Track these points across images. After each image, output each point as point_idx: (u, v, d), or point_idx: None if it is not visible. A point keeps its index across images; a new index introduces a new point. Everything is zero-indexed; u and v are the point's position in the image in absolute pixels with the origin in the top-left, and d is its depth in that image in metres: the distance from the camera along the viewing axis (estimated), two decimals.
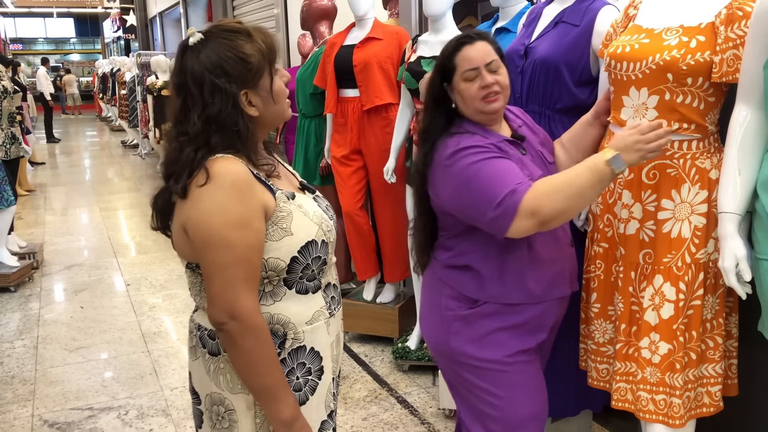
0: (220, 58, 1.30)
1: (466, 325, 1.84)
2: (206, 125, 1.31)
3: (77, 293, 4.75)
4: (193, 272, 1.41)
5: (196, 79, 1.31)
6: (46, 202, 8.10)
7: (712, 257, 1.83)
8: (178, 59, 1.35)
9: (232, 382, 1.40)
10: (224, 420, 1.42)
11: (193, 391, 1.49)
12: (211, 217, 1.27)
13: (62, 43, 31.21)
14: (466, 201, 1.71)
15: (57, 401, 3.18)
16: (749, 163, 1.67)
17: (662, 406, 1.84)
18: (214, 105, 1.30)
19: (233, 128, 1.32)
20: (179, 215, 1.34)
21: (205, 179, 1.28)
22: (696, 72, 1.73)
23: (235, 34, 1.33)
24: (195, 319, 1.48)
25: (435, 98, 1.83)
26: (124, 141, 13.74)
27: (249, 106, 1.35)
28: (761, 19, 1.58)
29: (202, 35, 1.34)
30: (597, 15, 2.16)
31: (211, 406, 1.44)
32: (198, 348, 1.45)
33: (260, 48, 1.34)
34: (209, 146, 1.31)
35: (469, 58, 1.76)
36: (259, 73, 1.34)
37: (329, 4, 4.18)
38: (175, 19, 12.72)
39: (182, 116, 1.33)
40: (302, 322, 1.42)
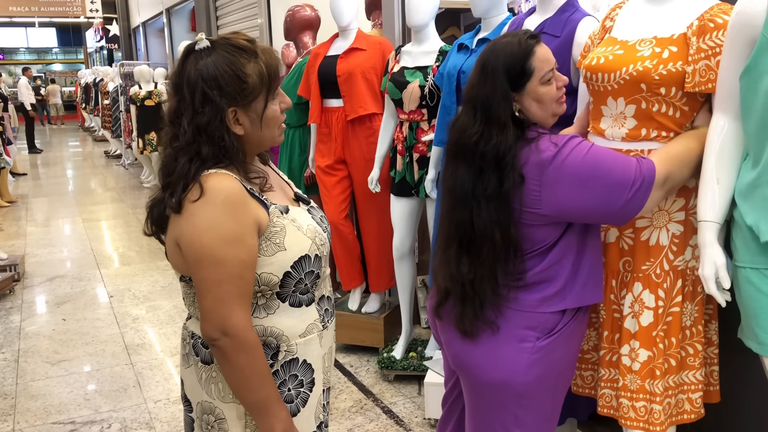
0: (217, 70, 1.30)
1: (546, 355, 1.69)
2: (196, 134, 1.31)
3: (59, 305, 4.71)
4: (187, 284, 1.42)
5: (190, 85, 1.31)
6: (27, 213, 8.03)
7: (690, 264, 1.85)
8: (180, 61, 1.36)
9: (223, 391, 1.40)
10: (214, 429, 1.43)
11: (185, 399, 1.49)
12: (204, 234, 1.28)
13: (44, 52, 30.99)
14: (594, 192, 1.56)
15: (38, 415, 3.14)
16: (727, 172, 1.69)
17: (643, 412, 1.86)
18: (203, 115, 1.30)
19: (220, 142, 1.32)
20: (173, 229, 1.34)
21: (199, 195, 1.28)
22: (668, 82, 1.76)
23: (239, 51, 1.33)
24: (188, 327, 1.48)
25: (507, 112, 1.62)
26: (107, 151, 13.65)
27: (236, 124, 1.34)
28: (737, 30, 1.61)
29: (209, 43, 1.34)
30: (577, 26, 2.19)
31: (202, 414, 1.44)
32: (191, 356, 1.45)
33: (261, 71, 1.33)
34: (201, 157, 1.31)
35: (547, 58, 1.66)
36: (253, 94, 1.33)
37: (313, 14, 4.19)
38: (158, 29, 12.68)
39: (175, 118, 1.34)
40: (295, 335, 1.42)
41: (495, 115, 1.61)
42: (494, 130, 1.60)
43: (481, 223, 1.62)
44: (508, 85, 1.62)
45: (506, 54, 1.63)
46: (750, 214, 1.61)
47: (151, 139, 8.79)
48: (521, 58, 1.62)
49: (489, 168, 1.60)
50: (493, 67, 1.63)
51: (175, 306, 4.59)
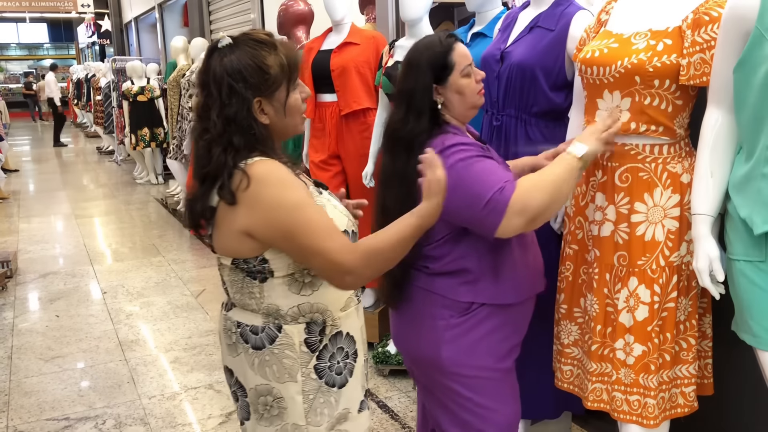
0: (241, 64, 1.39)
1: (460, 334, 1.82)
2: (226, 125, 1.39)
3: (52, 302, 4.69)
4: (237, 268, 1.46)
5: (216, 80, 1.40)
6: (20, 209, 7.98)
7: (685, 260, 1.86)
8: (205, 59, 1.44)
9: (278, 372, 1.47)
10: (273, 408, 1.50)
11: (239, 386, 1.54)
12: (277, 213, 1.36)
13: (35, 48, 30.78)
14: (456, 201, 1.65)
15: (32, 412, 3.13)
16: (721, 165, 1.70)
17: (636, 406, 1.86)
18: (231, 106, 1.39)
19: (250, 131, 1.40)
20: (232, 220, 1.40)
21: (247, 183, 1.36)
22: (663, 74, 1.76)
23: (260, 45, 1.42)
24: (232, 316, 1.52)
25: (423, 100, 1.78)
26: (100, 147, 13.58)
27: (261, 113, 1.42)
28: (731, 23, 1.61)
29: (231, 40, 1.42)
30: (571, 20, 2.19)
31: (258, 397, 1.50)
32: (238, 345, 1.50)
33: (281, 62, 1.42)
34: (234, 146, 1.39)
35: (465, 54, 1.81)
36: (275, 84, 1.42)
37: (306, 8, 4.18)
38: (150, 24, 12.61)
39: (203, 112, 1.42)
40: (337, 308, 1.52)
41: (415, 104, 1.77)
42: (411, 117, 1.77)
43: (392, 203, 1.77)
44: (431, 79, 1.77)
45: (429, 51, 1.80)
46: (743, 207, 1.62)
47: (143, 135, 8.76)
48: (443, 54, 1.78)
49: (402, 151, 1.77)
50: (418, 62, 1.79)
51: (169, 302, 4.58)
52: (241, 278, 1.47)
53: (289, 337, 1.46)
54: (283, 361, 1.46)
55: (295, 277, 1.45)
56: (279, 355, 1.46)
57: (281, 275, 1.44)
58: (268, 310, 1.47)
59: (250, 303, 1.48)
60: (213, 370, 3.50)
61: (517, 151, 2.30)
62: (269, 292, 1.46)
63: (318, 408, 1.50)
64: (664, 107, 1.81)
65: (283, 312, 1.46)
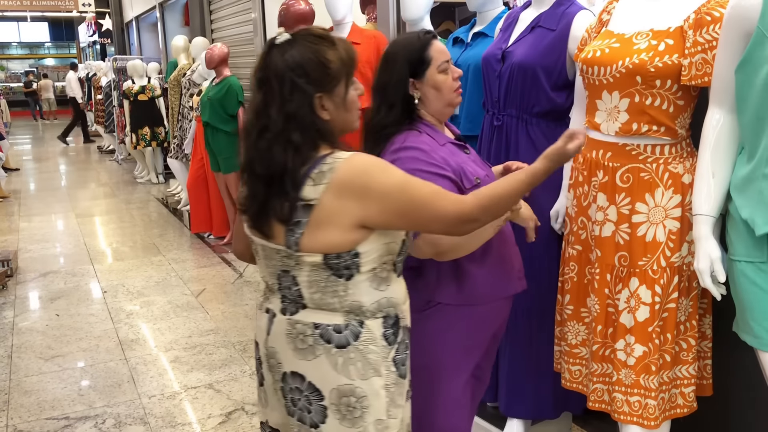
0: (302, 59, 1.39)
1: (421, 327, 1.79)
2: (286, 122, 1.37)
3: (53, 301, 4.68)
4: (324, 266, 1.43)
5: (278, 75, 1.38)
6: (20, 208, 7.98)
7: (686, 260, 1.86)
8: (263, 55, 1.43)
9: (363, 369, 1.45)
10: (356, 409, 1.46)
11: (313, 390, 1.48)
12: (390, 198, 1.38)
13: (37, 47, 30.79)
14: None
15: (32, 411, 3.13)
16: (723, 165, 1.70)
17: (637, 407, 1.86)
18: (292, 102, 1.37)
19: (313, 127, 1.39)
20: (343, 215, 1.38)
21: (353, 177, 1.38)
22: (664, 74, 1.76)
23: (320, 40, 1.42)
24: (304, 319, 1.47)
25: (396, 93, 1.78)
26: (101, 146, 13.59)
27: (322, 109, 1.41)
28: (733, 24, 1.60)
29: (290, 36, 1.41)
30: (573, 20, 2.19)
31: (340, 398, 1.46)
32: (318, 346, 1.45)
33: (341, 56, 1.42)
34: (293, 144, 1.37)
35: (443, 50, 1.80)
36: (336, 79, 1.42)
37: (307, 8, 4.17)
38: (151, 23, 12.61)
39: (261, 109, 1.41)
40: (402, 301, 1.54)
41: (387, 96, 1.79)
42: (384, 108, 1.79)
43: None
44: (408, 73, 1.79)
45: (407, 46, 1.81)
46: (745, 208, 1.61)
47: (144, 134, 8.75)
48: (420, 49, 1.79)
49: (371, 141, 1.80)
50: (395, 57, 1.81)
51: (169, 301, 4.58)
52: (324, 277, 1.44)
53: (371, 332, 1.46)
54: (368, 357, 1.45)
55: (376, 273, 1.46)
56: (363, 351, 1.45)
57: (367, 270, 1.44)
58: (351, 307, 1.45)
59: (332, 302, 1.45)
60: (213, 369, 3.49)
61: (518, 150, 2.30)
62: (354, 289, 1.45)
63: (396, 400, 1.50)
64: (665, 107, 1.80)
65: (365, 308, 1.46)
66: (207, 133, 5.47)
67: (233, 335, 3.94)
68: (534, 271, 2.32)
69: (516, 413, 2.45)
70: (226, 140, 5.37)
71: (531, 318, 2.35)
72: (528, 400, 2.40)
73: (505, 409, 2.47)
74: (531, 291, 2.32)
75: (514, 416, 2.46)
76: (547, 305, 2.30)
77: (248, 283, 4.93)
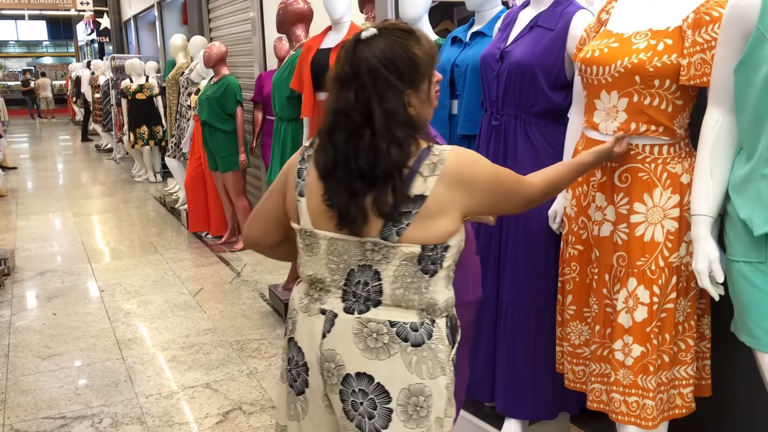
0: (394, 55, 1.36)
1: None
2: (387, 119, 1.35)
3: (50, 300, 4.68)
4: (417, 259, 1.41)
5: (372, 71, 1.35)
6: (18, 207, 7.97)
7: (684, 260, 1.85)
8: (350, 50, 1.39)
9: (432, 368, 1.43)
10: (422, 409, 1.44)
11: (381, 392, 1.44)
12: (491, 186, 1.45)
13: (34, 45, 30.76)
14: None
15: (29, 410, 3.12)
16: (721, 165, 1.69)
17: (635, 407, 1.86)
18: (389, 100, 1.35)
19: (410, 121, 1.38)
20: (451, 206, 1.40)
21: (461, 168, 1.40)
22: (663, 74, 1.76)
23: (408, 35, 1.39)
24: (377, 317, 1.43)
25: None
26: (98, 145, 13.57)
27: (409, 106, 1.39)
28: (732, 24, 1.60)
29: (376, 30, 1.38)
30: (572, 19, 2.18)
31: (408, 398, 1.43)
32: (393, 345, 1.42)
33: (427, 51, 1.41)
34: (398, 140, 1.35)
35: None
36: (424, 75, 1.41)
37: (305, 7, 4.17)
38: (149, 22, 12.60)
39: (353, 107, 1.36)
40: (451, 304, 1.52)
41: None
42: None
43: None
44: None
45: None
46: (743, 208, 1.61)
47: (142, 133, 8.74)
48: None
49: None
50: None
51: (167, 300, 4.57)
52: (412, 272, 1.42)
53: (440, 330, 1.45)
54: (438, 356, 1.44)
55: (449, 270, 1.47)
56: (435, 350, 1.44)
57: (446, 266, 1.44)
58: (427, 305, 1.44)
59: (413, 299, 1.42)
60: (210, 369, 3.49)
61: (516, 150, 2.29)
62: (434, 287, 1.44)
63: (451, 398, 1.50)
64: (663, 107, 1.80)
65: (438, 306, 1.45)
66: (205, 132, 5.46)
67: (231, 335, 3.94)
68: (532, 272, 2.32)
69: (514, 413, 2.45)
70: (224, 139, 5.37)
71: (529, 318, 2.34)
72: (526, 401, 2.40)
73: (502, 409, 2.47)
74: (530, 291, 2.33)
75: (512, 416, 2.46)
76: (545, 306, 2.30)
77: (246, 282, 4.93)
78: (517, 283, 2.34)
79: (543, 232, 2.29)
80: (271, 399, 3.13)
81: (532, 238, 2.31)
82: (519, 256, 2.33)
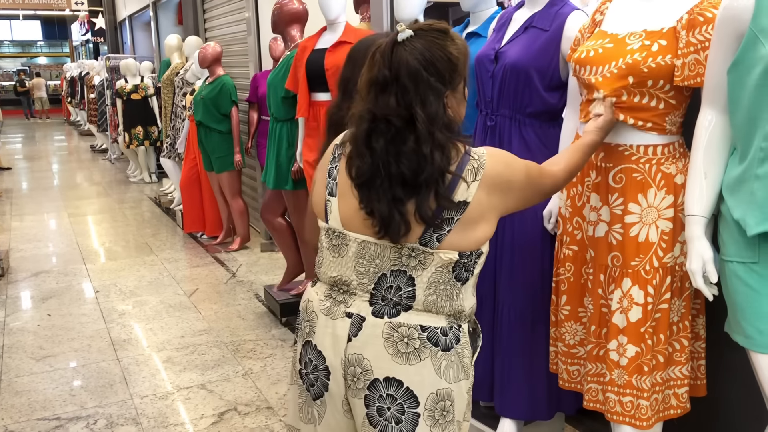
0: (433, 56, 1.34)
1: None
2: (430, 123, 1.33)
3: (44, 301, 4.66)
4: (453, 266, 1.40)
5: (412, 74, 1.33)
6: (12, 207, 7.95)
7: (678, 261, 1.86)
8: (387, 53, 1.35)
9: (457, 371, 1.44)
10: (449, 413, 1.44)
11: (409, 396, 1.42)
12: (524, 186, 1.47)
13: (29, 46, 30.66)
14: None
15: (23, 412, 3.11)
16: (715, 166, 1.70)
17: (629, 407, 1.86)
18: (430, 102, 1.33)
19: (450, 124, 1.37)
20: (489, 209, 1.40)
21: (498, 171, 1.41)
22: (657, 75, 1.76)
23: (444, 35, 1.37)
24: (406, 321, 1.41)
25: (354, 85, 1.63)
26: (93, 145, 13.54)
27: (447, 107, 1.38)
28: (725, 24, 1.61)
29: (412, 32, 1.36)
30: (566, 20, 2.19)
31: (436, 403, 1.43)
32: (424, 349, 1.41)
33: (462, 50, 1.40)
34: (440, 144, 1.33)
35: None
36: (460, 75, 1.40)
37: (300, 7, 4.17)
38: (144, 22, 12.57)
39: (394, 111, 1.33)
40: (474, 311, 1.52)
41: (349, 92, 1.79)
42: (345, 104, 1.75)
43: None
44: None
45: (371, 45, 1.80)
46: (737, 209, 1.61)
47: (137, 134, 8.72)
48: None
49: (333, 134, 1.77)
50: (357, 55, 1.85)
51: (162, 301, 4.57)
52: (446, 279, 1.41)
53: (465, 335, 1.46)
54: (464, 360, 1.45)
55: (476, 278, 1.47)
56: (461, 354, 1.45)
57: (476, 273, 1.45)
58: (456, 311, 1.43)
59: (444, 305, 1.41)
60: (206, 369, 3.48)
61: (511, 150, 2.29)
62: (464, 293, 1.44)
63: (469, 403, 1.51)
64: (654, 104, 1.81)
65: (465, 312, 1.46)
66: (200, 133, 5.46)
67: (226, 335, 3.93)
68: (528, 272, 2.33)
69: (510, 414, 2.45)
70: (220, 139, 5.36)
71: (525, 319, 2.35)
72: (522, 401, 2.41)
73: (499, 409, 2.47)
74: (525, 292, 2.33)
75: (509, 416, 2.47)
76: (540, 306, 2.30)
77: (241, 283, 4.93)
78: (512, 284, 2.35)
79: (538, 233, 2.29)
80: (267, 400, 3.13)
81: (527, 238, 2.31)
82: (514, 256, 2.34)
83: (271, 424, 2.92)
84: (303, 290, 4.11)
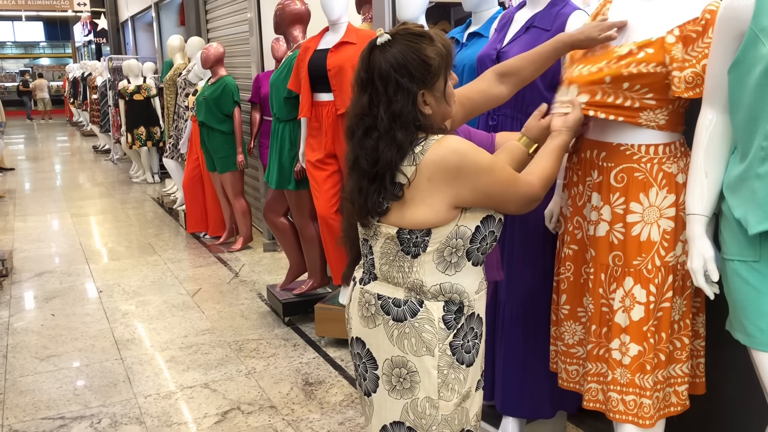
0: (405, 59, 1.44)
1: None
2: (392, 121, 1.44)
3: (48, 301, 4.68)
4: (396, 239, 1.51)
5: (383, 76, 1.45)
6: (15, 208, 7.97)
7: (680, 260, 1.87)
8: (365, 57, 1.48)
9: (416, 346, 1.54)
10: (405, 381, 1.56)
11: (370, 357, 1.61)
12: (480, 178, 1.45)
13: (32, 47, 30.70)
14: None
15: (27, 411, 3.13)
16: (715, 165, 1.71)
17: (632, 406, 1.87)
18: (397, 102, 1.44)
19: (414, 123, 1.46)
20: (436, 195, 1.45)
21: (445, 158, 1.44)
22: (635, 79, 1.78)
23: (419, 38, 1.47)
24: (371, 290, 1.59)
25: None
26: (96, 146, 13.56)
27: (424, 105, 1.48)
28: (725, 24, 1.61)
29: (389, 36, 1.47)
30: (567, 20, 2.20)
31: (392, 369, 1.57)
32: (378, 316, 1.57)
33: (440, 52, 1.47)
34: (396, 143, 1.44)
35: None
36: (436, 75, 1.47)
37: (302, 8, 4.18)
38: (146, 23, 12.59)
39: (367, 111, 1.47)
40: (473, 291, 1.59)
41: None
42: None
43: None
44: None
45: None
46: (738, 208, 1.62)
47: (139, 134, 8.74)
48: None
49: None
50: None
51: (165, 301, 4.58)
52: (394, 251, 1.53)
53: (429, 313, 1.53)
54: (423, 335, 1.53)
55: (443, 256, 1.51)
56: (419, 329, 1.53)
57: (432, 249, 1.50)
58: (413, 285, 1.53)
59: (397, 276, 1.54)
60: (209, 369, 3.50)
61: None
62: (418, 268, 1.52)
63: (450, 384, 1.56)
64: (629, 104, 1.82)
65: (426, 288, 1.53)
66: (202, 133, 5.47)
67: (229, 335, 3.94)
68: (529, 271, 2.34)
69: (513, 412, 2.46)
70: (222, 140, 5.37)
71: (527, 318, 2.35)
72: (525, 400, 2.41)
73: (501, 407, 2.48)
74: (527, 290, 2.34)
75: (511, 415, 2.47)
76: (542, 305, 2.31)
77: (244, 282, 4.94)
78: (514, 283, 2.35)
79: (540, 232, 2.30)
80: (270, 399, 3.14)
81: (529, 237, 2.32)
82: (516, 255, 2.34)
83: (274, 423, 2.93)
84: (305, 290, 4.12)
